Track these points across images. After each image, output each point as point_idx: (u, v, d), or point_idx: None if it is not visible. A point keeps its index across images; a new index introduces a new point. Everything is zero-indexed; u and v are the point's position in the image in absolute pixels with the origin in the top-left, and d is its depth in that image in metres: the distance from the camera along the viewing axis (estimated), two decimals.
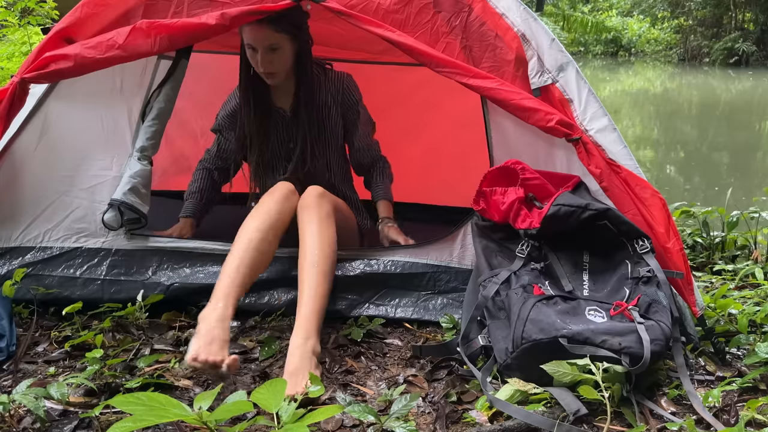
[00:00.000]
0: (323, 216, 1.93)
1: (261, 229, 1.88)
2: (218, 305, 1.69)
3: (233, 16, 1.89)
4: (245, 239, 1.85)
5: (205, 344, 1.58)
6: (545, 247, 1.81)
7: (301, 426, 1.18)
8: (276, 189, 2.01)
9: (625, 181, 1.86)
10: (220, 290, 1.74)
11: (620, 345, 1.54)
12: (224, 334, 1.63)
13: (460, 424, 1.52)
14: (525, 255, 1.79)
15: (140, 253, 2.06)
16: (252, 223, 1.90)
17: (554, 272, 1.78)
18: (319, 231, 1.90)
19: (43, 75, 1.87)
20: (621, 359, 1.53)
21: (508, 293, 1.71)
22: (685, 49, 21.51)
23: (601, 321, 1.62)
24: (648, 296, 1.69)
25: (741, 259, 2.93)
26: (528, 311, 1.61)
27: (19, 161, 2.04)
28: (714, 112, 11.39)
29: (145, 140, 2.03)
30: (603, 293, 1.74)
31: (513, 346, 1.60)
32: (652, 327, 1.62)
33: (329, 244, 1.90)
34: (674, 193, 5.09)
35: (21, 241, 2.05)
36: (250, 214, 1.94)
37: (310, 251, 1.86)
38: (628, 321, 1.63)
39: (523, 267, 1.77)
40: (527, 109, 1.85)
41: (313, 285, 1.80)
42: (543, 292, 1.69)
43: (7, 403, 1.40)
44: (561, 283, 1.75)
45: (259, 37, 2.06)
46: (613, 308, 1.67)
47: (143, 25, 1.87)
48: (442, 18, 1.97)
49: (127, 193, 1.97)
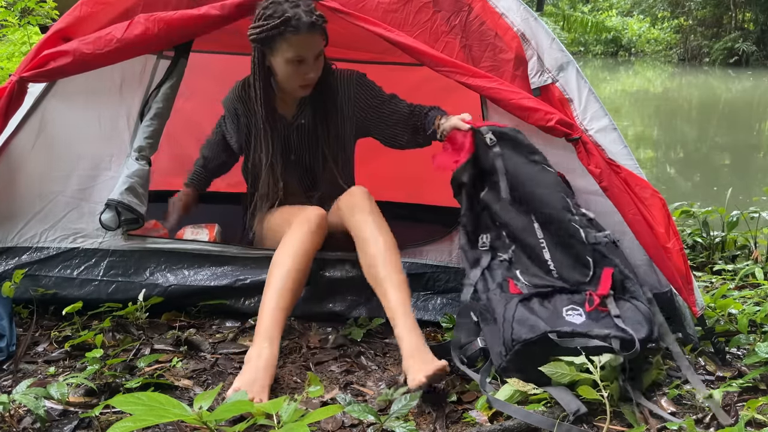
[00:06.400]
0: (376, 213, 1.94)
1: (296, 263, 1.85)
2: (263, 349, 1.67)
3: (236, 4, 1.88)
4: (282, 273, 1.82)
5: (248, 383, 1.58)
6: (503, 234, 1.85)
7: (301, 426, 1.18)
8: (310, 219, 1.94)
9: (624, 180, 1.86)
10: (264, 331, 1.72)
11: (607, 334, 1.58)
12: (268, 379, 1.63)
13: (460, 424, 1.52)
14: (488, 247, 1.85)
15: (138, 254, 2.05)
16: (287, 257, 1.86)
17: (521, 259, 1.82)
18: (379, 228, 1.89)
19: (41, 73, 1.86)
20: (612, 346, 1.56)
21: (488, 296, 1.73)
22: (685, 49, 21.50)
23: (581, 321, 1.65)
24: (618, 270, 1.74)
25: (741, 259, 2.93)
26: (513, 312, 1.63)
27: (16, 160, 2.03)
28: (714, 112, 11.39)
29: (144, 140, 2.02)
30: (569, 270, 1.78)
31: (505, 349, 1.61)
32: (629, 314, 1.66)
33: (391, 237, 1.89)
34: (674, 193, 5.08)
35: (17, 242, 2.04)
36: (284, 245, 1.89)
37: (377, 251, 1.84)
38: (605, 314, 1.67)
39: (492, 260, 1.81)
40: (527, 109, 1.85)
41: (395, 282, 1.79)
42: (519, 289, 1.73)
43: (7, 403, 1.40)
44: (531, 270, 1.79)
45: (312, 44, 1.97)
46: (587, 302, 1.69)
47: (141, 18, 1.87)
48: (442, 17, 1.97)
49: (125, 193, 1.95)
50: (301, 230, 1.91)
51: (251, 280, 2.05)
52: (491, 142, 1.87)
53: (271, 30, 1.92)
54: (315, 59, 2.01)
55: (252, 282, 2.04)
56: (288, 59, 1.97)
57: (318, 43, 1.99)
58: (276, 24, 1.90)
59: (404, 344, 1.68)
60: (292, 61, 1.98)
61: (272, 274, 1.84)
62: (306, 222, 1.93)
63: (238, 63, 2.87)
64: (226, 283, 2.05)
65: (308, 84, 2.06)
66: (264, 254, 2.07)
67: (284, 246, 1.89)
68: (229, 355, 1.84)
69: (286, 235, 1.92)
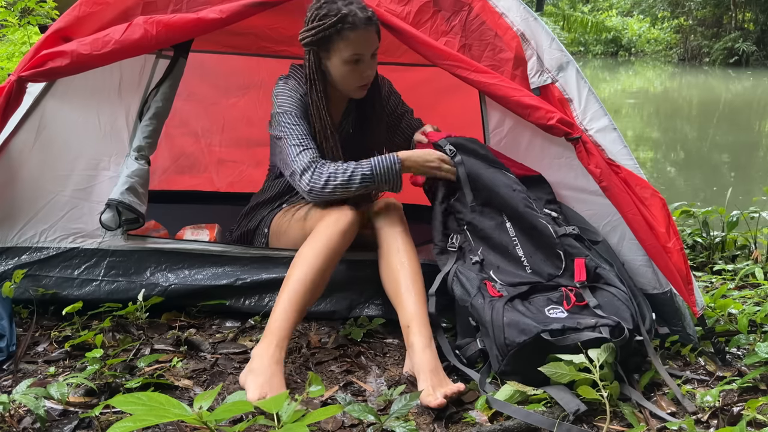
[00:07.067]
0: (407, 231, 1.95)
1: (321, 262, 1.79)
2: (272, 346, 1.66)
3: (233, 12, 1.88)
4: (304, 271, 1.77)
5: (265, 382, 1.58)
6: (472, 235, 1.92)
7: (301, 426, 1.18)
8: (344, 218, 1.87)
9: (625, 180, 1.86)
10: (275, 328, 1.69)
11: (595, 323, 1.62)
12: (282, 374, 1.63)
13: (459, 424, 1.51)
14: (456, 248, 1.90)
15: (138, 254, 2.05)
16: (313, 253, 1.80)
17: (493, 259, 1.88)
18: (409, 244, 1.90)
19: (40, 73, 1.86)
20: (602, 332, 1.59)
21: (472, 303, 1.74)
22: (685, 49, 21.50)
23: (563, 317, 1.68)
24: (589, 258, 1.81)
25: (741, 259, 2.93)
26: (501, 316, 1.65)
27: (15, 160, 2.02)
28: (714, 111, 11.39)
29: (143, 139, 2.02)
30: (541, 264, 1.85)
31: (501, 354, 1.62)
32: (608, 301, 1.71)
33: (416, 258, 1.89)
34: (674, 193, 5.08)
35: (17, 242, 2.03)
36: (313, 240, 1.83)
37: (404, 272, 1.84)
38: (584, 306, 1.73)
39: (463, 263, 1.87)
40: (528, 107, 1.85)
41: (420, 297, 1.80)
42: (498, 291, 1.76)
43: (7, 403, 1.40)
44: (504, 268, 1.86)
45: (369, 40, 1.91)
46: (565, 300, 1.73)
47: (140, 20, 1.87)
48: (442, 17, 1.97)
49: (125, 192, 1.95)
50: (334, 228, 1.84)
51: (251, 280, 2.04)
52: (451, 153, 1.95)
53: (328, 29, 1.87)
54: (371, 57, 1.96)
55: (252, 282, 2.04)
56: (345, 59, 1.92)
57: (374, 40, 1.93)
58: (333, 22, 1.86)
59: (424, 357, 1.66)
60: (350, 60, 1.92)
61: (294, 269, 1.78)
62: (339, 221, 1.86)
63: (238, 63, 2.89)
64: (226, 283, 2.05)
65: (366, 84, 2.00)
66: (264, 254, 2.07)
67: (312, 241, 1.83)
68: (229, 355, 1.84)
69: (316, 230, 1.85)
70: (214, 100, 3.01)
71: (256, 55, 2.75)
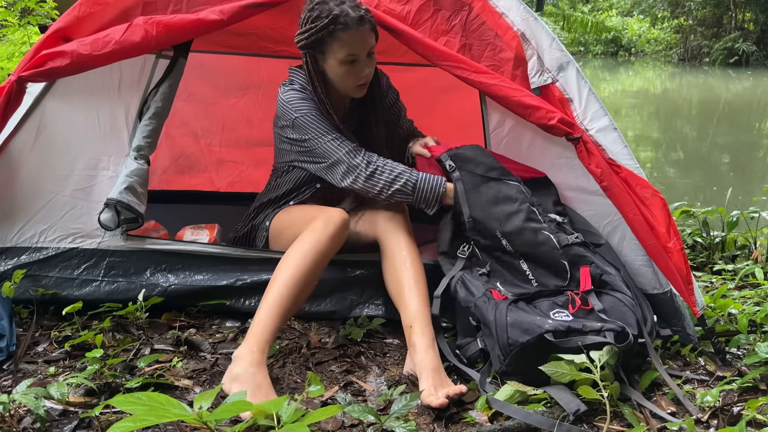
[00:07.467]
0: (412, 235, 1.96)
1: (307, 265, 1.76)
2: (253, 350, 1.61)
3: (233, 12, 1.88)
4: (289, 274, 1.73)
5: (254, 391, 1.53)
6: (479, 249, 1.92)
7: (301, 426, 1.18)
8: (333, 221, 1.84)
9: (625, 180, 1.86)
10: (258, 331, 1.65)
11: (600, 327, 1.61)
12: (267, 379, 1.59)
13: (459, 424, 1.51)
14: (466, 256, 1.91)
15: (137, 255, 2.05)
16: (299, 256, 1.77)
17: (500, 272, 1.88)
18: (408, 250, 1.90)
19: (39, 73, 1.86)
20: (607, 338, 1.58)
21: (476, 303, 1.74)
22: (685, 49, 21.49)
23: (568, 320, 1.66)
24: (594, 265, 1.79)
25: (741, 259, 2.93)
26: (504, 316, 1.64)
27: (15, 160, 2.02)
28: (714, 111, 11.39)
29: (142, 139, 2.02)
30: (547, 277, 1.83)
31: (503, 354, 1.62)
32: (614, 306, 1.70)
33: (419, 260, 1.90)
34: (674, 193, 5.08)
35: (17, 242, 2.03)
36: (300, 243, 1.80)
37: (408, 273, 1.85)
38: (589, 310, 1.71)
39: (471, 273, 1.86)
40: (528, 107, 1.85)
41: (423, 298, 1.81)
42: (504, 296, 1.76)
43: (7, 403, 1.40)
44: (513, 281, 1.85)
45: (364, 40, 1.89)
46: (570, 303, 1.72)
47: (140, 21, 1.87)
48: (442, 16, 1.97)
49: (124, 192, 1.95)
50: (322, 231, 1.81)
51: (251, 280, 2.04)
52: (450, 168, 1.95)
53: (320, 31, 1.86)
54: (367, 56, 1.94)
55: (252, 282, 2.04)
56: (341, 60, 1.90)
57: (369, 38, 1.91)
58: (325, 24, 1.85)
59: (426, 357, 1.67)
60: (345, 61, 1.90)
61: (279, 271, 1.75)
62: (327, 224, 1.83)
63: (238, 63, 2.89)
64: (226, 284, 2.05)
65: (364, 83, 1.99)
66: (264, 255, 2.07)
67: (300, 243, 1.80)
68: (229, 355, 1.84)
69: (304, 233, 1.82)
70: (214, 100, 3.00)
71: (256, 55, 2.75)
